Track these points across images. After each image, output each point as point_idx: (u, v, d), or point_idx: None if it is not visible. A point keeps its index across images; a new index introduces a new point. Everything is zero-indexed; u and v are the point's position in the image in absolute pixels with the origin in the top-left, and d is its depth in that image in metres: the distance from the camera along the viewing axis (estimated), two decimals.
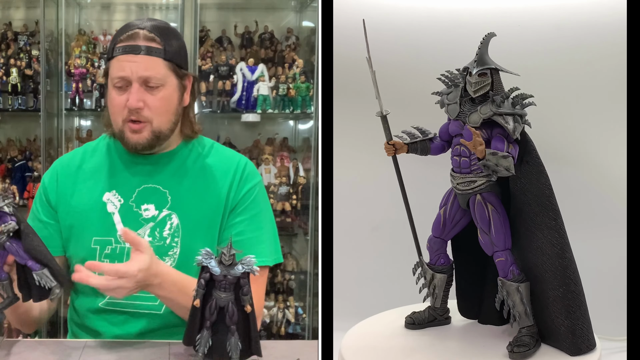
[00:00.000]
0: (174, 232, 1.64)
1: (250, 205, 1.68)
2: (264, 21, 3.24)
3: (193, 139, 1.74)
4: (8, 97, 3.08)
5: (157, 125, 1.62)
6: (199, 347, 1.37)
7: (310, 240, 3.07)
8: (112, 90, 1.62)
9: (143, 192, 1.66)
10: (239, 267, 1.33)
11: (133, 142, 1.62)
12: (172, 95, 1.64)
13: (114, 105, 1.62)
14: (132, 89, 1.58)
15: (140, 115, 1.60)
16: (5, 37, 3.13)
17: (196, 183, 1.68)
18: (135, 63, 1.57)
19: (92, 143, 1.79)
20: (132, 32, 1.59)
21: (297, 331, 3.08)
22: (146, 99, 1.59)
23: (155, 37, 1.59)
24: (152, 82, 1.59)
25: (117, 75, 1.59)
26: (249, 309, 1.35)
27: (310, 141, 3.16)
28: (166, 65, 1.60)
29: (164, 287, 1.49)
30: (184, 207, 1.65)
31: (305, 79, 3.10)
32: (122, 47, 1.59)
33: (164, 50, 1.60)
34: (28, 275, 1.40)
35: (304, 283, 3.16)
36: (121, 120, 1.61)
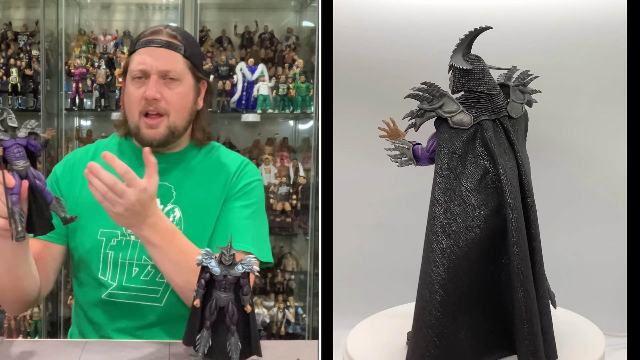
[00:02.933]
0: (176, 225, 1.66)
1: (244, 196, 1.72)
2: (264, 21, 3.24)
3: (203, 145, 1.78)
4: (8, 97, 3.09)
5: (173, 121, 1.66)
6: (199, 347, 1.37)
7: (310, 240, 3.07)
8: (130, 84, 1.66)
9: None
10: (239, 267, 1.33)
11: (149, 137, 1.65)
12: (189, 93, 1.69)
13: (131, 97, 1.65)
14: (151, 81, 1.62)
15: (157, 107, 1.63)
16: (5, 37, 3.13)
17: (200, 180, 1.72)
18: (154, 56, 1.62)
19: (103, 140, 1.84)
20: (156, 29, 1.68)
21: (297, 331, 3.08)
22: (163, 92, 1.63)
23: (177, 36, 1.67)
24: (170, 75, 1.63)
25: (136, 68, 1.64)
26: (249, 309, 1.35)
27: (310, 141, 3.16)
28: (184, 62, 1.66)
29: (157, 231, 1.48)
30: (186, 201, 1.69)
31: (305, 79, 3.10)
32: (145, 41, 1.66)
33: (184, 48, 1.66)
34: (34, 208, 1.38)
35: (304, 283, 3.16)
36: (138, 112, 1.64)
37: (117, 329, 1.66)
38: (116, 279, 1.66)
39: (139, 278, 1.66)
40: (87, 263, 1.69)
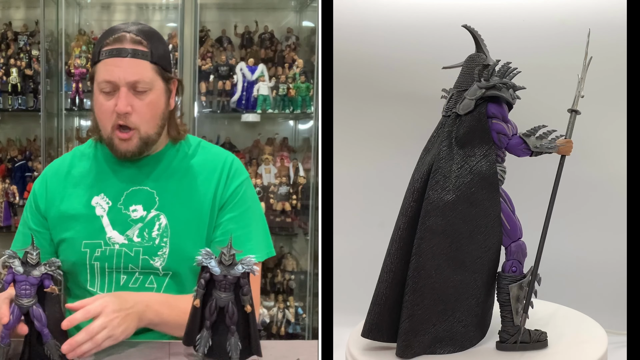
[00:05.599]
0: (162, 232, 1.64)
1: (238, 203, 1.69)
2: (264, 21, 3.24)
3: (180, 140, 1.73)
4: (8, 97, 3.08)
5: (145, 131, 1.62)
6: (199, 347, 1.37)
7: (310, 240, 3.07)
8: (99, 96, 1.59)
9: (131, 195, 1.66)
10: (239, 267, 1.33)
11: (123, 150, 1.62)
12: (159, 99, 1.63)
13: (102, 111, 1.60)
14: (120, 94, 1.56)
15: (128, 120, 1.58)
16: (5, 37, 3.13)
17: (183, 183, 1.68)
18: (122, 67, 1.56)
19: (80, 147, 1.78)
20: (118, 35, 1.58)
21: (297, 331, 3.08)
22: (134, 104, 1.58)
23: (142, 40, 1.58)
24: (140, 87, 1.58)
25: (104, 79, 1.57)
26: (249, 309, 1.35)
27: (310, 141, 3.16)
28: (153, 68, 1.59)
29: (151, 305, 1.50)
30: (171, 207, 1.66)
31: (305, 79, 3.10)
32: (109, 50, 1.57)
33: (151, 53, 1.59)
34: (29, 338, 1.37)
35: (304, 283, 3.16)
36: (110, 126, 1.60)
37: None
38: (105, 288, 1.64)
39: (127, 286, 1.64)
40: (75, 275, 1.67)
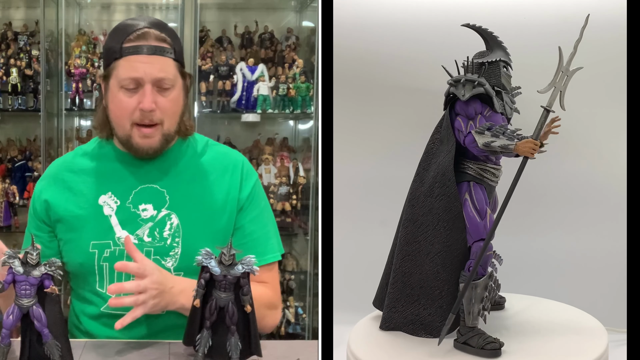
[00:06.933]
0: (174, 233, 1.62)
1: (254, 204, 1.68)
2: (264, 21, 3.24)
3: (188, 136, 1.71)
4: (8, 97, 3.08)
5: (167, 128, 1.60)
6: (199, 347, 1.37)
7: (310, 240, 3.07)
8: (120, 92, 1.56)
9: (140, 193, 1.64)
10: (239, 267, 1.33)
11: (145, 146, 1.59)
12: (180, 95, 1.62)
13: (121, 107, 1.57)
14: (146, 91, 1.54)
15: (152, 117, 1.56)
16: (5, 37, 3.13)
17: (194, 182, 1.66)
18: (149, 64, 1.54)
19: (83, 146, 1.75)
20: (142, 32, 1.55)
21: (297, 331, 3.08)
22: (158, 101, 1.56)
23: (166, 38, 1.57)
24: (165, 84, 1.56)
25: (128, 76, 1.54)
26: (249, 309, 1.35)
27: (310, 141, 3.16)
28: (175, 65, 1.59)
29: (187, 293, 1.45)
30: (183, 206, 1.63)
31: (305, 79, 3.10)
32: (133, 47, 1.54)
33: (174, 50, 1.58)
34: (28, 341, 1.37)
35: (304, 283, 3.16)
36: (129, 123, 1.57)
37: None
38: None
39: None
40: (83, 277, 1.64)
